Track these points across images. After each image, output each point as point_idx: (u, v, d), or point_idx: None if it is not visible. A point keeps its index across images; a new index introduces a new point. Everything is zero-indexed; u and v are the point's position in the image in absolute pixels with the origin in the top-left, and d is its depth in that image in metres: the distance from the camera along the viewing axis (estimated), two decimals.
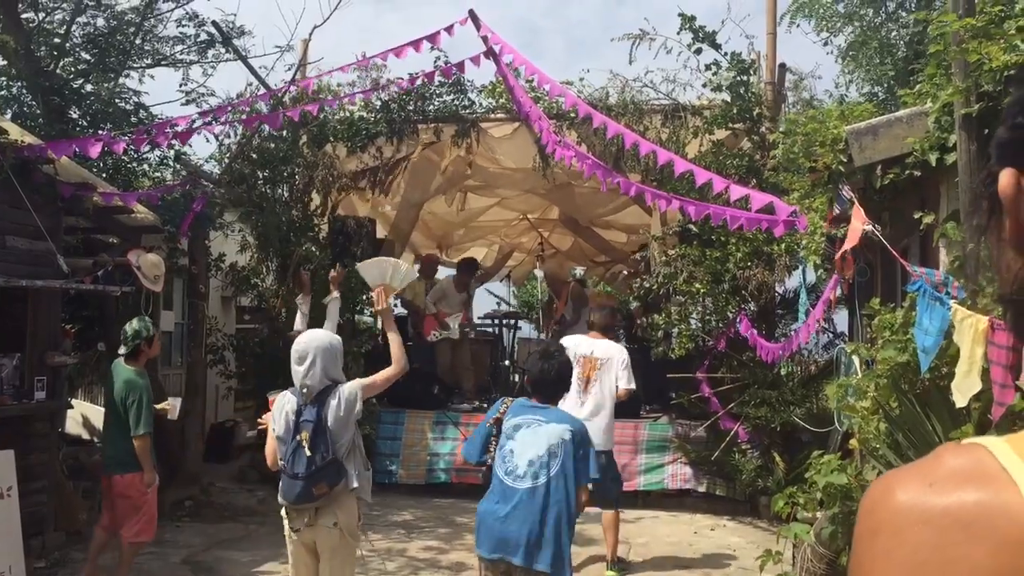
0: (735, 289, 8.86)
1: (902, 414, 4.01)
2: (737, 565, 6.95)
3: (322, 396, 4.20)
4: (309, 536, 4.25)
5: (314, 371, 4.19)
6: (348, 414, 4.21)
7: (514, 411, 4.20)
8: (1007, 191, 0.73)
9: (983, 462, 0.66)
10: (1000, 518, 0.63)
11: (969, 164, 4.26)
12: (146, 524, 6.07)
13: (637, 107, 9.62)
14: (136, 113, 9.94)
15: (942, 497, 0.65)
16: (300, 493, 4.11)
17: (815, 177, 6.05)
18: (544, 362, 4.22)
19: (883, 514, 0.68)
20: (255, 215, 9.67)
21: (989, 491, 0.64)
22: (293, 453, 4.12)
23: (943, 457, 0.68)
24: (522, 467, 3.99)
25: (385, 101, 10.00)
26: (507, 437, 4.11)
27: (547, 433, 4.03)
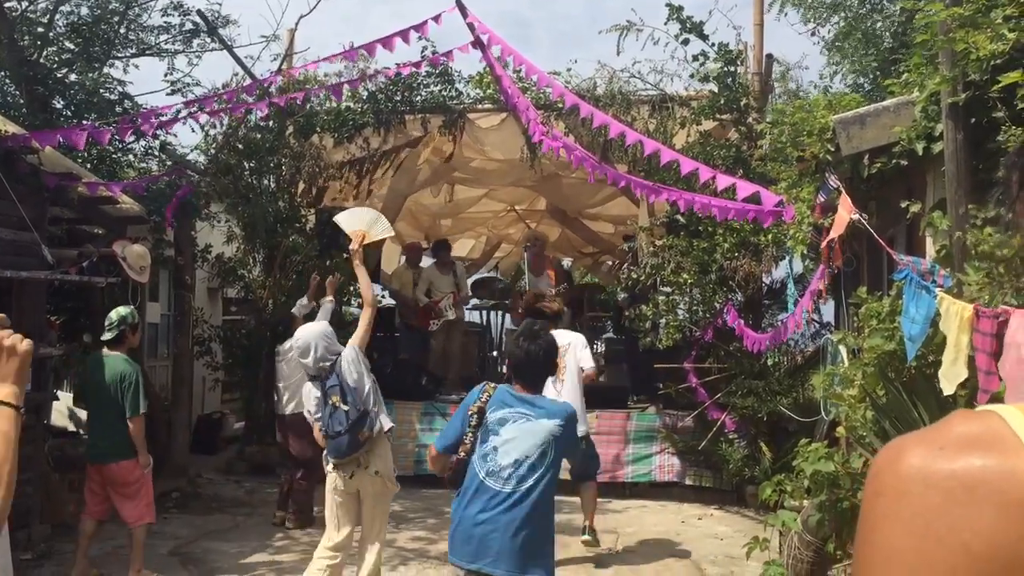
0: (722, 280, 8.88)
1: (889, 402, 4.03)
2: (724, 554, 6.98)
3: (334, 367, 5.04)
4: (355, 484, 5.06)
5: (319, 355, 5.02)
6: (358, 369, 5.04)
7: (497, 401, 3.70)
8: None
9: (994, 428, 0.66)
10: (1006, 482, 0.63)
11: (956, 153, 4.27)
12: (147, 507, 6.12)
13: (625, 98, 9.61)
14: (121, 103, 9.85)
15: (949, 461, 0.65)
16: (348, 444, 4.92)
17: (802, 167, 6.06)
18: (530, 343, 3.75)
19: (890, 477, 0.68)
20: (241, 206, 9.62)
21: (997, 456, 0.64)
22: (331, 416, 4.92)
23: (953, 423, 0.69)
24: (507, 468, 3.55)
25: (372, 92, 9.95)
26: (490, 432, 3.64)
27: (537, 430, 3.59)
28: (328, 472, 5.18)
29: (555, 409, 3.69)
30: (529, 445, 3.57)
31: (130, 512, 6.05)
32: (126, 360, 6.11)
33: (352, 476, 5.03)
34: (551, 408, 3.69)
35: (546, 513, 3.63)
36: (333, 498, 5.17)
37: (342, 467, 5.04)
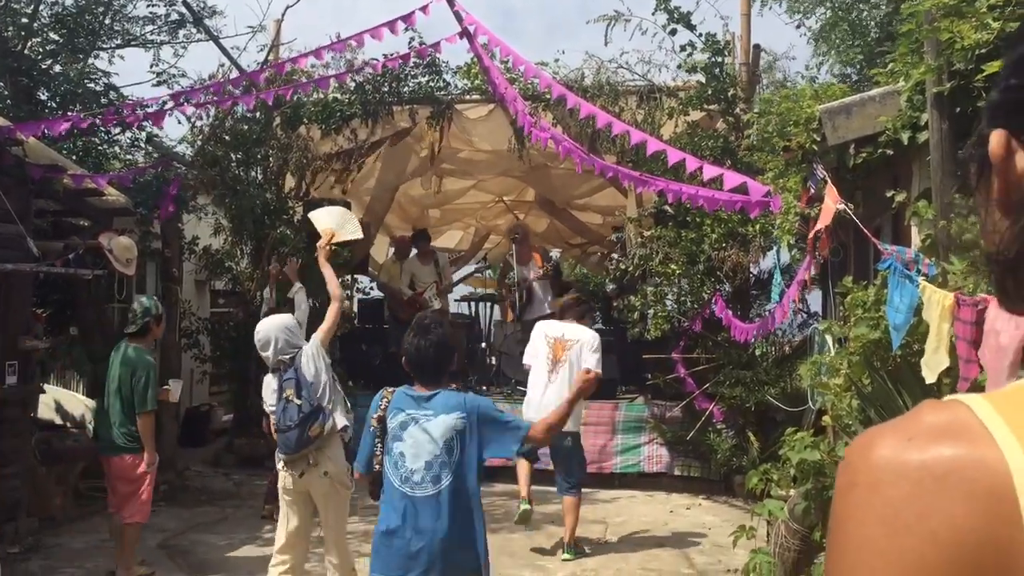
0: (710, 270, 8.91)
1: (874, 391, 4.05)
2: (712, 542, 7.02)
3: (294, 360, 4.96)
4: (304, 485, 4.90)
5: (280, 347, 4.96)
6: (317, 364, 4.97)
7: (396, 405, 3.58)
8: (997, 152, 0.74)
9: (962, 418, 0.67)
10: (976, 471, 0.64)
11: (941, 143, 4.29)
12: (142, 505, 6.06)
13: (612, 88, 9.62)
14: (106, 94, 9.80)
15: (919, 452, 0.66)
16: (298, 440, 4.77)
17: (789, 156, 6.08)
18: (420, 338, 3.60)
19: (861, 468, 0.69)
20: (229, 198, 9.59)
21: (966, 445, 0.65)
22: (284, 410, 4.82)
23: (922, 413, 0.69)
24: (418, 472, 3.46)
25: (359, 83, 9.92)
26: (394, 439, 3.52)
27: (438, 428, 3.48)
28: (279, 470, 5.05)
29: (452, 402, 3.55)
30: (435, 444, 3.47)
31: (127, 509, 6.00)
32: (143, 353, 6.07)
33: (302, 475, 4.87)
34: (447, 402, 3.55)
35: (468, 506, 3.53)
36: (283, 497, 5.04)
37: (292, 464, 4.88)
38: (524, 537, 7.25)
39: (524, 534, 7.33)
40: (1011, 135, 0.74)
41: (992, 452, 0.64)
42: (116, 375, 6.01)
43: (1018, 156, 0.74)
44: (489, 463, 9.46)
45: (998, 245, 0.75)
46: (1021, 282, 0.73)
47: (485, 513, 3.78)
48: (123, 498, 6.01)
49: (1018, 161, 0.73)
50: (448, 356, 3.68)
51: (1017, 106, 0.74)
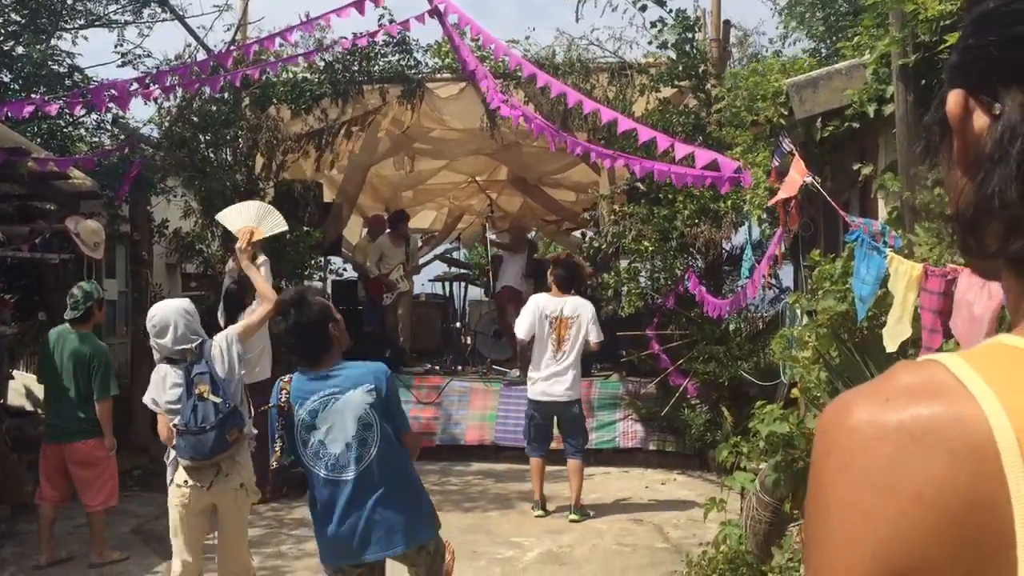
0: (683, 246, 8.94)
1: (841, 362, 4.08)
2: (686, 516, 7.07)
3: (202, 351, 4.36)
4: (209, 498, 4.34)
5: (180, 334, 4.35)
6: (231, 359, 4.42)
7: (299, 393, 3.47)
8: (954, 111, 0.75)
9: (937, 376, 0.67)
10: (955, 429, 0.64)
11: (906, 115, 4.30)
12: (111, 490, 6.04)
13: (584, 65, 9.58)
14: (71, 76, 9.64)
15: (896, 412, 0.66)
16: (215, 443, 4.17)
17: (757, 131, 6.08)
18: (285, 318, 3.53)
19: (838, 433, 0.68)
20: (198, 180, 9.48)
21: (944, 404, 0.65)
22: (194, 409, 4.19)
23: (898, 374, 0.69)
24: (342, 456, 3.40)
25: (329, 62, 9.83)
26: (308, 429, 3.44)
27: (349, 405, 3.41)
28: (173, 484, 4.41)
29: (359, 374, 3.48)
30: (349, 424, 3.40)
31: (92, 496, 5.97)
32: (95, 339, 6.00)
33: (209, 487, 4.27)
34: (352, 376, 3.47)
35: (401, 475, 3.50)
36: (178, 515, 4.38)
37: (198, 473, 4.28)
38: (499, 515, 7.28)
39: (499, 512, 7.36)
40: (968, 95, 0.74)
41: (971, 408, 0.64)
42: (69, 363, 5.92)
43: (975, 116, 0.74)
44: (466, 443, 9.54)
45: (958, 204, 0.76)
46: (981, 240, 0.74)
47: (460, 492, 3.78)
48: (86, 484, 5.96)
49: (975, 121, 0.74)
50: (316, 333, 3.51)
51: (974, 66, 0.74)
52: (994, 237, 0.72)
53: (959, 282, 3.19)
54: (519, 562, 6.15)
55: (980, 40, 0.73)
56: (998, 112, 0.72)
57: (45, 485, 6.06)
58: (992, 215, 0.71)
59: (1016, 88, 0.71)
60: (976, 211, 0.73)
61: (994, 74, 0.72)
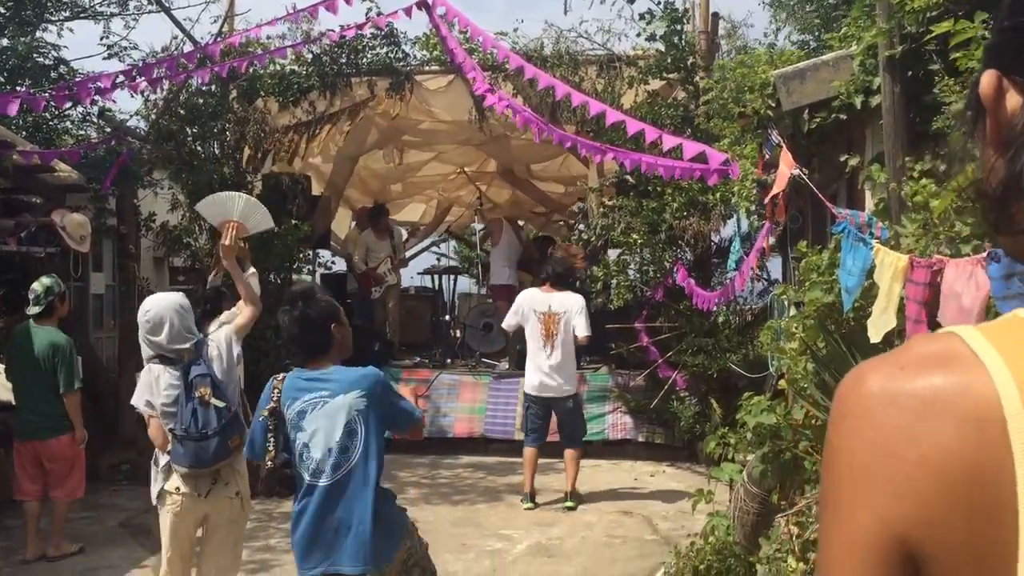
0: (672, 239, 8.94)
1: (828, 354, 4.08)
2: (676, 508, 7.09)
3: (198, 350, 4.13)
4: (204, 508, 4.11)
5: (176, 331, 4.09)
6: (230, 361, 4.21)
7: (290, 393, 3.39)
8: (988, 91, 0.77)
9: (953, 347, 0.69)
10: (965, 397, 0.66)
11: (893, 106, 4.31)
12: (79, 482, 6.04)
13: (572, 58, 9.57)
14: (56, 68, 9.58)
15: (910, 380, 0.69)
16: (217, 450, 3.98)
17: (744, 122, 6.08)
18: (285, 315, 3.46)
19: (853, 399, 0.71)
20: (185, 172, 9.44)
21: (957, 373, 0.67)
22: (194, 414, 3.96)
23: (914, 344, 0.72)
24: (324, 460, 3.31)
25: (317, 54, 9.79)
26: (295, 429, 3.36)
27: (338, 410, 3.32)
28: (166, 491, 4.13)
29: (352, 379, 3.38)
30: (335, 429, 3.31)
31: (62, 490, 5.97)
32: (57, 333, 5.97)
33: (207, 495, 4.06)
34: (346, 380, 3.38)
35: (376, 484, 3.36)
36: (171, 524, 4.13)
37: (194, 482, 4.06)
38: (489, 508, 7.28)
39: (488, 505, 7.37)
40: (1002, 75, 0.76)
41: (981, 378, 0.66)
42: (30, 358, 5.89)
43: (1008, 96, 0.76)
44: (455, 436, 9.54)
45: (989, 181, 0.77)
46: (1010, 217, 0.75)
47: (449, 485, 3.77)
48: (58, 479, 5.97)
49: (1008, 100, 0.76)
50: (320, 328, 3.45)
51: (1008, 47, 0.76)
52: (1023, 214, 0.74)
53: (946, 273, 3.19)
54: (508, 554, 6.15)
55: (1015, 22, 0.75)
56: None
57: (24, 481, 6.04)
58: (1021, 192, 0.73)
59: None
60: (1006, 188, 0.74)
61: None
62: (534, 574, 5.77)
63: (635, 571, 5.75)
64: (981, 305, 2.93)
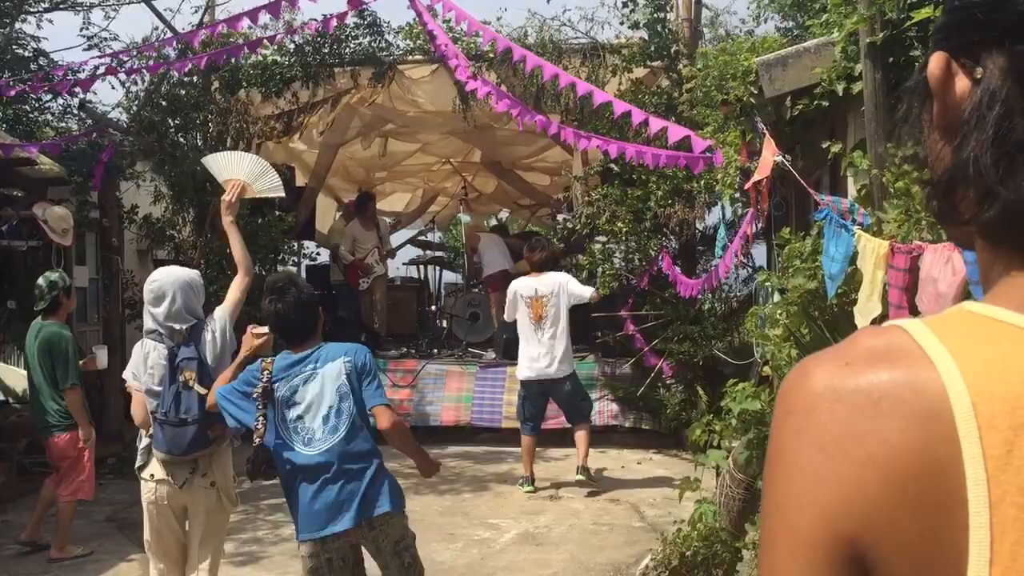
0: (657, 227, 8.96)
1: (811, 339, 4.10)
2: (662, 495, 7.12)
3: (193, 334, 3.93)
4: (182, 498, 3.96)
5: (176, 308, 3.89)
6: (224, 347, 4.01)
7: (280, 375, 3.50)
8: (936, 73, 0.73)
9: (899, 342, 0.67)
10: (911, 393, 0.64)
11: (875, 93, 4.32)
12: (84, 482, 5.96)
13: (556, 47, 9.54)
14: (35, 60, 9.49)
15: (855, 376, 0.66)
16: (194, 439, 3.83)
17: (727, 110, 6.09)
18: (277, 302, 3.53)
19: (797, 395, 0.69)
20: (168, 165, 9.39)
21: (903, 368, 0.66)
22: (176, 398, 3.82)
23: (859, 339, 0.70)
24: (319, 429, 3.43)
25: (299, 44, 9.74)
26: (289, 405, 3.47)
27: (327, 377, 3.47)
28: (143, 478, 4.00)
29: (334, 351, 3.56)
30: (328, 395, 3.45)
31: (64, 487, 5.93)
32: (57, 328, 5.91)
33: (183, 485, 3.91)
34: (329, 352, 3.55)
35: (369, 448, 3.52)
36: (151, 514, 4.00)
37: (171, 469, 3.91)
38: (476, 497, 7.30)
39: (476, 494, 7.38)
40: (951, 58, 0.73)
41: (929, 373, 0.65)
42: (37, 355, 5.86)
43: (957, 79, 0.73)
44: (442, 424, 9.55)
45: (936, 168, 0.75)
46: (955, 207, 0.73)
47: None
48: (62, 477, 5.94)
49: (956, 84, 0.72)
50: (311, 313, 3.60)
51: (958, 28, 0.73)
52: (969, 204, 0.71)
53: (924, 259, 3.21)
54: (496, 543, 6.17)
55: (965, 2, 0.72)
56: (979, 76, 0.71)
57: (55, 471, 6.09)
58: (967, 181, 0.70)
59: (998, 52, 0.70)
60: (951, 177, 0.72)
61: (977, 37, 0.71)
62: (522, 562, 5.78)
63: (622, 558, 5.77)
64: (958, 290, 2.95)
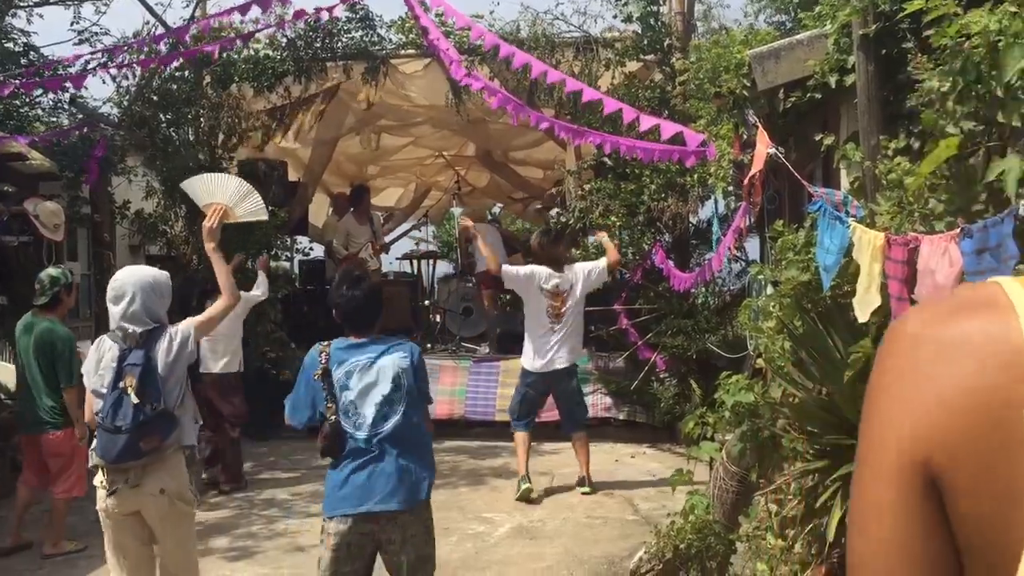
0: (650, 221, 8.96)
1: (805, 332, 4.10)
2: (656, 489, 7.13)
3: (149, 339, 3.77)
4: (131, 504, 3.75)
5: (134, 310, 3.76)
6: (180, 357, 3.84)
7: (337, 357, 3.63)
8: None
9: (990, 293, 0.75)
10: (991, 339, 0.72)
11: (867, 85, 4.32)
12: (78, 479, 5.92)
13: (549, 40, 9.53)
14: (26, 55, 9.43)
15: (947, 323, 0.75)
16: (124, 448, 3.62)
17: (720, 103, 6.09)
18: (351, 288, 3.68)
19: (896, 339, 0.79)
20: (159, 160, 9.36)
21: (986, 318, 0.73)
22: (115, 403, 3.66)
23: (958, 292, 0.79)
24: (370, 415, 3.57)
25: (291, 38, 9.71)
26: (342, 389, 3.59)
27: (386, 367, 3.62)
28: (94, 483, 3.86)
29: (393, 345, 3.71)
30: (383, 384, 3.60)
31: (59, 484, 5.90)
32: (58, 326, 5.85)
33: (113, 494, 3.70)
34: (388, 345, 3.70)
35: (416, 438, 3.71)
36: (105, 524, 3.84)
37: (108, 476, 3.72)
38: (471, 491, 7.30)
39: (471, 488, 7.38)
40: None
41: (1013, 322, 0.72)
42: (34, 351, 5.80)
43: None
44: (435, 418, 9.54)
45: None
46: None
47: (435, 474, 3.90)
48: (55, 473, 5.89)
49: None
50: (378, 305, 3.77)
51: None
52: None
53: (921, 250, 3.20)
54: (491, 537, 6.17)
55: None
56: None
57: (27, 470, 6.05)
58: None
59: None
60: None
61: None
62: (516, 556, 5.79)
63: (616, 551, 5.78)
64: (955, 281, 2.94)
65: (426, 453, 3.77)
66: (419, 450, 3.71)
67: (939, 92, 3.34)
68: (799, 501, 4.14)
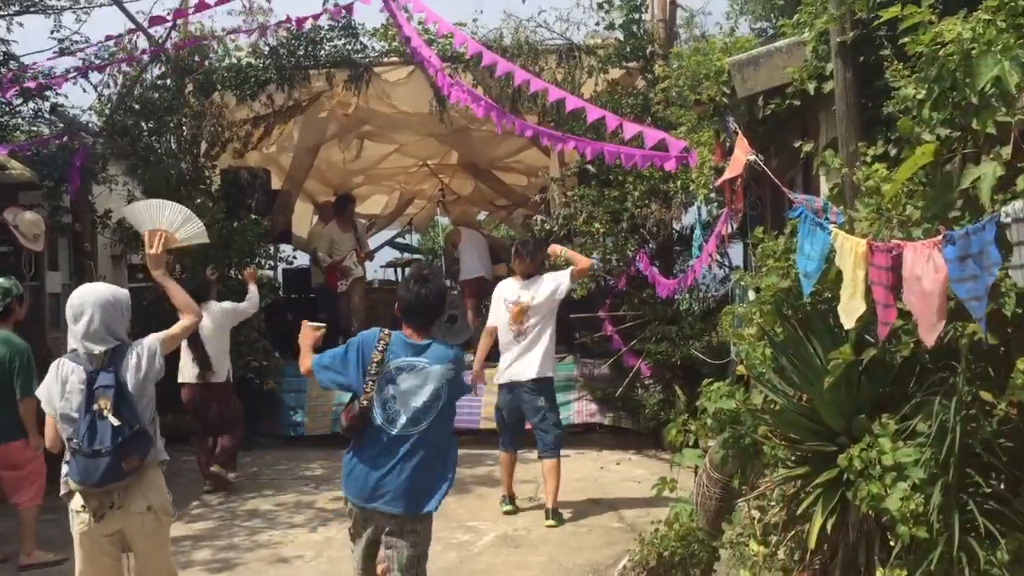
0: (634, 228, 8.97)
1: (785, 339, 4.10)
2: (642, 496, 7.11)
3: (115, 358, 3.73)
4: (116, 525, 3.72)
5: (94, 328, 3.70)
6: (149, 373, 3.81)
7: (394, 350, 3.84)
8: None
9: None
10: None
11: (845, 92, 4.34)
12: (38, 489, 5.86)
13: (532, 48, 9.53)
14: (6, 64, 9.36)
15: None
16: (107, 471, 3.58)
17: (700, 110, 6.11)
18: (420, 287, 3.88)
19: None
20: (141, 168, 9.31)
21: None
22: (91, 427, 3.59)
23: None
24: (405, 414, 3.77)
25: (274, 46, 9.68)
26: (389, 381, 3.80)
27: (432, 376, 3.81)
28: (72, 509, 3.75)
29: (445, 354, 3.91)
30: (426, 391, 3.79)
31: (20, 496, 5.82)
32: (13, 337, 5.79)
33: (102, 518, 3.68)
34: (441, 353, 3.90)
35: (440, 449, 3.89)
36: (84, 547, 3.76)
37: (88, 500, 3.67)
38: (455, 500, 7.26)
39: (455, 497, 7.35)
40: None
41: None
42: None
43: None
44: None
45: None
46: None
47: None
48: (14, 484, 5.80)
49: None
50: (441, 305, 4.04)
51: None
52: None
53: (905, 257, 3.20)
54: (475, 546, 6.15)
55: None
56: None
57: None
58: None
59: None
60: None
61: None
62: (500, 565, 5.77)
63: (601, 559, 5.77)
64: (941, 287, 2.95)
65: (446, 460, 3.92)
66: (440, 459, 3.87)
67: (915, 99, 3.36)
68: (781, 508, 4.15)
